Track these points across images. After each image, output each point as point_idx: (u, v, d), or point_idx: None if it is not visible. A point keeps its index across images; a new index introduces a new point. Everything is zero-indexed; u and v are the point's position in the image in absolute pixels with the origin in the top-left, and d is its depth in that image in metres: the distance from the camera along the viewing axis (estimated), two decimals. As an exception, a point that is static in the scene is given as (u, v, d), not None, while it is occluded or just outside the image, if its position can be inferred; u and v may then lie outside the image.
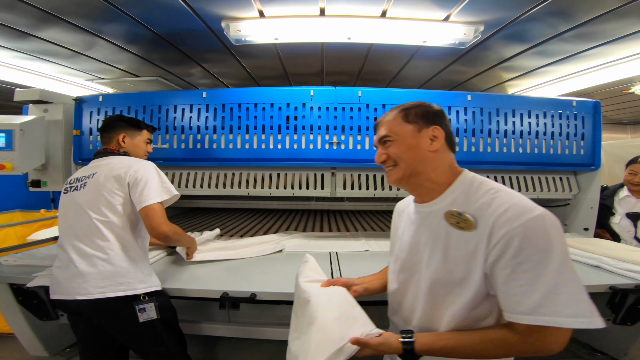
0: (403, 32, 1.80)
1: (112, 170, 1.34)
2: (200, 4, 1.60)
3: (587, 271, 1.75)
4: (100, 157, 1.46)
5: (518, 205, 0.76)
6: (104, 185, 1.32)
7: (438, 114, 0.93)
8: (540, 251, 0.71)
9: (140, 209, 1.30)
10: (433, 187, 0.90)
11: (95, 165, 1.41)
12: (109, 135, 1.52)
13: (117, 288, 1.26)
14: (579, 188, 2.44)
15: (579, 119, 2.29)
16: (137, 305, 1.27)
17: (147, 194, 1.30)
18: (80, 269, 1.25)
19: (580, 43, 1.99)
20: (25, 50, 2.21)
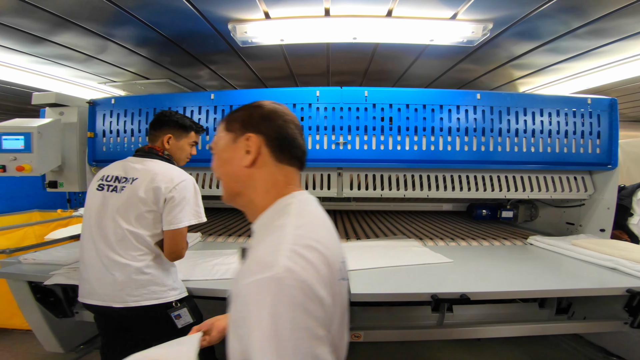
0: (409, 31, 1.78)
1: (153, 182, 1.30)
2: (207, 7, 1.63)
3: (603, 273, 1.71)
4: (142, 156, 1.41)
5: (258, 259, 0.55)
6: (141, 197, 1.28)
7: (266, 116, 0.71)
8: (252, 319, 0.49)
9: (167, 229, 1.29)
10: (257, 212, 0.70)
11: (137, 168, 1.36)
12: (155, 133, 1.48)
13: (151, 297, 1.28)
14: (594, 188, 2.37)
15: (595, 117, 2.22)
16: (171, 312, 1.30)
17: (180, 217, 1.29)
18: (114, 277, 1.25)
19: (595, 39, 1.93)
20: (41, 55, 2.28)
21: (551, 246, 2.18)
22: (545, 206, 2.87)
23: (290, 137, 0.71)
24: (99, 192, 1.35)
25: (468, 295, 1.45)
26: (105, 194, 1.34)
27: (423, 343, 2.17)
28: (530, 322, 1.89)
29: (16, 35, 1.93)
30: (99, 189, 1.36)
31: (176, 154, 1.52)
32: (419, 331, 1.73)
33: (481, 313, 1.93)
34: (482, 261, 1.96)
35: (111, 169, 1.41)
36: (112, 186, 1.33)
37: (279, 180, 0.70)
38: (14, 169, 2.08)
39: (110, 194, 1.33)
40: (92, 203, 1.36)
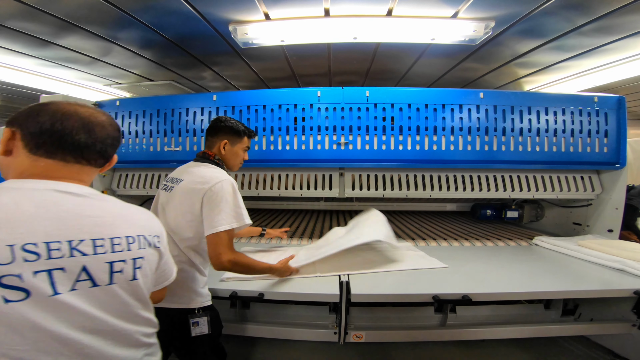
0: (410, 30, 1.77)
1: (191, 184, 1.29)
2: (208, 9, 1.64)
3: (610, 275, 1.68)
4: (197, 160, 1.44)
5: None
6: (180, 199, 1.29)
7: (29, 113, 0.74)
8: None
9: (207, 234, 1.23)
10: None
11: (187, 170, 1.38)
12: (211, 139, 1.48)
13: (172, 300, 1.23)
14: (602, 187, 2.33)
15: (602, 115, 2.18)
16: (191, 318, 1.26)
17: (218, 219, 1.22)
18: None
19: (600, 36, 1.89)
20: (48, 58, 2.33)
21: (557, 247, 2.15)
22: (552, 206, 2.83)
23: (53, 132, 0.72)
24: (160, 191, 1.43)
25: (470, 297, 1.44)
26: (162, 192, 1.41)
27: (425, 344, 2.15)
28: (536, 323, 1.86)
29: (23, 39, 1.98)
30: (163, 188, 1.42)
31: (231, 160, 1.50)
32: (421, 332, 1.72)
33: (485, 314, 1.91)
34: (485, 262, 1.93)
35: (175, 171, 1.45)
36: (169, 186, 1.38)
37: (27, 170, 0.72)
38: (22, 170, 2.12)
39: (164, 193, 1.39)
40: (155, 201, 1.44)
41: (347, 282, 1.54)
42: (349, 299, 1.47)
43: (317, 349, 2.07)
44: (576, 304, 1.99)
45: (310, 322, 1.77)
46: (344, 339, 1.57)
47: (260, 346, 2.11)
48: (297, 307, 1.82)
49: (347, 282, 1.53)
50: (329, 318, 1.77)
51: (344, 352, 2.04)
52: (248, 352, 2.07)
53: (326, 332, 1.62)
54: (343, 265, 1.74)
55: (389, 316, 1.83)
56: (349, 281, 1.54)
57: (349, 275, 1.63)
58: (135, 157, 2.32)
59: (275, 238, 2.33)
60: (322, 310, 1.81)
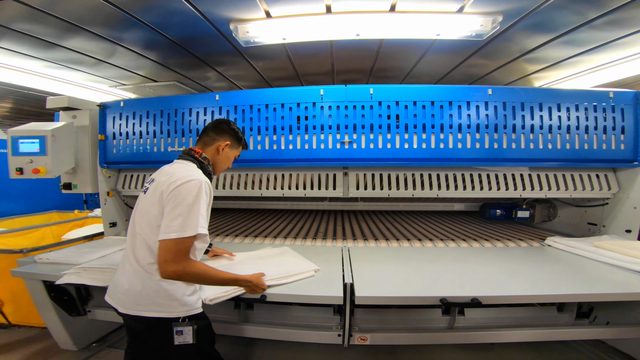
0: (414, 26, 1.73)
1: (162, 184, 1.20)
2: (208, 8, 1.63)
3: (628, 277, 1.61)
4: (181, 158, 1.36)
5: None
6: (151, 201, 1.21)
7: None
8: None
9: (159, 238, 1.14)
10: None
11: (164, 170, 1.31)
12: (213, 136, 1.41)
13: (154, 309, 1.18)
14: (619, 186, 2.25)
15: (618, 111, 2.10)
16: (175, 326, 1.20)
17: (171, 225, 1.13)
18: (123, 282, 1.23)
19: (613, 30, 1.82)
20: (54, 60, 2.36)
21: (571, 248, 2.08)
22: (565, 206, 2.74)
23: None
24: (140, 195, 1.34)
25: (479, 300, 1.39)
26: (140, 197, 1.32)
27: (433, 347, 2.11)
28: (548, 326, 1.80)
29: (29, 41, 2.01)
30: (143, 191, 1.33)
31: (222, 163, 1.45)
32: (428, 334, 1.67)
33: (495, 316, 1.85)
34: (495, 263, 1.88)
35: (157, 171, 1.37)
36: (146, 187, 1.30)
37: None
38: (30, 171, 2.16)
39: (141, 195, 1.31)
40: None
41: (352, 284, 1.51)
42: (353, 301, 1.44)
43: (323, 351, 2.05)
44: (591, 307, 1.93)
45: (315, 324, 1.74)
46: (348, 341, 1.54)
47: (264, 348, 2.10)
48: (301, 308, 1.80)
49: (352, 284, 1.50)
50: (334, 320, 1.74)
51: (350, 354, 2.01)
52: (252, 353, 2.06)
53: (330, 334, 1.59)
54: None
55: (395, 318, 1.79)
56: (353, 283, 1.51)
57: (352, 277, 1.59)
58: (140, 157, 2.33)
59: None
60: (327, 312, 1.78)
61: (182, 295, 1.22)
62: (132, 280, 1.21)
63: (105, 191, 2.46)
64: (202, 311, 1.29)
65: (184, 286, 1.24)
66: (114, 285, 1.29)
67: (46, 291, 1.80)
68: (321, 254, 2.04)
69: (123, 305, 1.23)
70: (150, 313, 1.19)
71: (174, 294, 1.20)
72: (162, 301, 1.19)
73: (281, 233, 2.57)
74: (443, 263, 1.90)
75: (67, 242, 2.59)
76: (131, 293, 1.20)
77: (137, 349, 1.37)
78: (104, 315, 1.87)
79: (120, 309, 1.23)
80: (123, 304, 1.23)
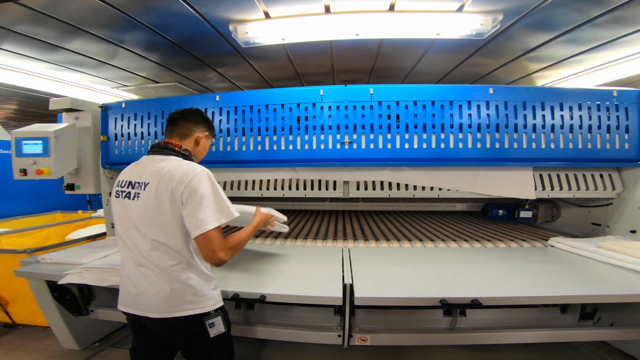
0: (414, 25, 1.72)
1: (166, 184, 1.17)
2: (207, 9, 1.64)
3: (632, 278, 1.60)
4: (157, 152, 1.29)
5: None
6: (159, 204, 1.17)
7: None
8: None
9: (195, 235, 1.15)
10: None
11: (149, 170, 1.23)
12: (189, 127, 1.36)
13: (187, 307, 1.21)
14: (623, 186, 2.23)
15: (622, 110, 2.08)
16: (206, 320, 1.24)
17: (203, 218, 1.14)
18: (146, 288, 1.21)
19: (616, 28, 1.80)
20: (56, 62, 2.39)
21: (574, 248, 2.05)
22: (569, 206, 2.71)
23: None
24: (117, 200, 1.27)
25: (480, 301, 1.38)
26: (121, 201, 1.25)
27: (435, 348, 2.10)
28: (552, 327, 1.78)
29: (32, 44, 2.03)
30: (116, 196, 1.27)
31: (200, 155, 1.44)
32: (429, 335, 1.66)
33: (497, 317, 1.83)
34: (497, 264, 1.86)
35: (125, 172, 1.30)
36: (126, 192, 1.24)
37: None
38: (33, 172, 2.17)
39: (125, 202, 1.23)
40: (116, 212, 1.29)
41: (351, 284, 1.50)
42: (353, 302, 1.43)
43: (327, 352, 2.04)
44: (595, 308, 1.90)
45: (315, 325, 1.74)
46: (348, 341, 1.54)
47: (266, 348, 2.10)
48: (302, 309, 1.80)
49: (351, 285, 1.50)
50: (334, 320, 1.74)
51: (354, 356, 2.00)
52: (253, 353, 2.06)
53: (330, 334, 1.59)
54: None
55: (396, 319, 1.78)
56: (352, 284, 1.51)
57: (352, 278, 1.59)
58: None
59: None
60: (327, 313, 1.78)
61: (208, 290, 1.26)
62: (159, 285, 1.20)
63: (107, 192, 2.47)
64: (222, 304, 1.34)
65: (208, 282, 1.28)
66: (135, 295, 1.24)
67: (49, 291, 1.81)
68: (321, 254, 2.04)
69: (155, 310, 1.21)
70: (185, 312, 1.20)
71: (202, 290, 1.24)
72: (193, 298, 1.22)
73: (282, 233, 2.57)
74: (444, 264, 1.89)
75: (70, 242, 2.61)
76: (161, 297, 1.20)
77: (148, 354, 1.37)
78: (106, 315, 1.89)
79: (152, 315, 1.21)
80: (155, 310, 1.21)
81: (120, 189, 1.26)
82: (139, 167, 1.28)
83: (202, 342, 1.27)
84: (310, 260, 1.92)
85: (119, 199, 1.25)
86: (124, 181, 1.27)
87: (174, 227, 1.18)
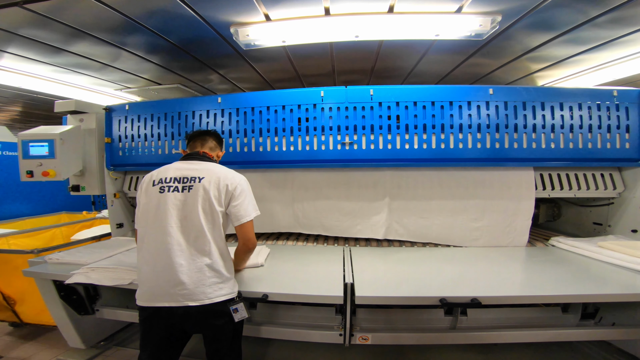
0: (413, 27, 1.73)
1: (220, 180, 1.39)
2: (208, 12, 1.66)
3: (633, 277, 1.60)
4: (197, 159, 1.50)
5: None
6: (214, 194, 1.36)
7: None
8: None
9: (238, 224, 1.42)
10: None
11: (199, 169, 1.42)
12: (216, 144, 1.67)
13: (221, 293, 1.32)
14: (624, 185, 2.23)
15: (622, 110, 2.08)
16: (231, 306, 1.34)
17: (247, 211, 1.42)
18: (177, 278, 1.27)
19: (617, 28, 1.80)
20: (61, 64, 2.42)
21: (575, 248, 2.06)
22: (570, 205, 2.71)
23: None
24: (161, 195, 1.36)
25: (479, 300, 1.39)
26: (167, 195, 1.36)
27: (436, 347, 2.11)
28: (553, 327, 1.80)
29: (36, 47, 2.06)
30: (161, 191, 1.37)
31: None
32: (430, 334, 1.67)
33: (498, 317, 1.85)
34: (497, 263, 1.87)
35: (164, 172, 1.43)
36: (173, 187, 1.37)
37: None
38: (40, 174, 2.20)
39: (174, 194, 1.35)
40: (153, 206, 1.37)
41: (352, 284, 1.52)
42: (354, 301, 1.45)
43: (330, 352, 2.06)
44: (597, 308, 1.91)
45: (317, 324, 1.76)
46: (349, 340, 1.55)
47: (268, 347, 2.12)
48: (303, 308, 1.82)
49: (352, 284, 1.52)
50: (335, 320, 1.76)
51: (356, 355, 2.02)
52: (256, 352, 2.08)
53: (332, 333, 1.61)
54: None
55: (397, 318, 1.80)
56: (353, 283, 1.53)
57: (353, 277, 1.61)
58: (146, 160, 2.38)
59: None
60: (329, 312, 1.80)
61: (232, 276, 1.42)
62: (191, 272, 1.29)
63: (112, 193, 2.51)
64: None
65: (232, 267, 1.44)
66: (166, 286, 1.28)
67: (56, 290, 1.84)
68: (323, 254, 2.06)
69: (191, 298, 1.27)
70: (218, 298, 1.31)
71: (229, 276, 1.39)
72: (222, 285, 1.34)
73: (283, 234, 2.59)
74: (444, 263, 1.90)
75: (76, 242, 2.64)
76: (194, 284, 1.28)
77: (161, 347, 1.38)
78: (111, 314, 1.92)
79: (190, 302, 1.27)
80: (191, 297, 1.27)
81: (166, 184, 1.39)
82: (180, 167, 1.45)
83: (228, 327, 1.36)
84: (311, 261, 1.94)
85: (165, 193, 1.37)
86: (168, 177, 1.40)
87: (221, 216, 1.37)
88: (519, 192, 2.18)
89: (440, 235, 2.23)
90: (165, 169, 1.45)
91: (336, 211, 2.29)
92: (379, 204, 2.24)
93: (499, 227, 2.20)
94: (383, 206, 2.23)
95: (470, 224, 2.20)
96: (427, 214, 2.22)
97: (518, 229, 2.21)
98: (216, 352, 1.38)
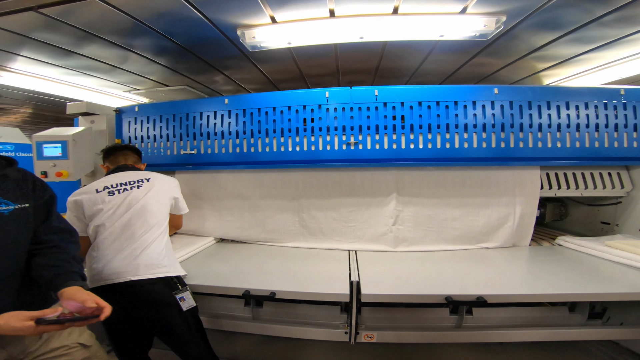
0: (417, 27, 1.74)
1: (165, 181, 1.76)
2: (216, 15, 1.68)
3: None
4: (132, 169, 1.77)
5: None
6: (164, 189, 1.71)
7: None
8: None
9: (178, 214, 1.88)
10: None
11: (139, 174, 1.69)
12: (139, 158, 1.96)
13: (169, 270, 1.46)
14: (632, 184, 2.21)
15: (630, 109, 2.06)
16: (176, 294, 1.40)
17: (183, 206, 1.89)
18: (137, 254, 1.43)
19: (623, 27, 1.80)
20: (71, 67, 2.47)
21: (582, 247, 2.04)
22: (577, 204, 2.69)
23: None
24: (114, 196, 1.56)
25: (485, 298, 1.40)
26: (122, 195, 1.57)
27: (442, 346, 2.11)
28: (560, 326, 1.78)
29: (48, 50, 2.11)
30: (111, 194, 1.57)
31: None
32: (435, 333, 1.68)
33: (504, 316, 1.84)
34: (504, 262, 1.87)
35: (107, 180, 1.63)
36: (123, 188, 1.59)
37: None
38: (54, 174, 2.25)
39: (129, 193, 1.58)
40: (113, 205, 1.54)
41: (358, 282, 1.54)
42: (360, 299, 1.46)
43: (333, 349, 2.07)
44: (604, 307, 1.89)
45: (322, 322, 1.77)
46: (355, 338, 1.57)
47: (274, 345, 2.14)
48: (309, 307, 1.83)
49: (358, 282, 1.53)
50: (341, 318, 1.77)
51: (361, 353, 2.03)
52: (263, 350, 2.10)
53: (337, 331, 1.62)
54: None
55: (402, 317, 1.80)
56: (359, 281, 1.54)
57: (359, 276, 1.62)
58: (155, 160, 2.41)
59: None
60: (334, 310, 1.81)
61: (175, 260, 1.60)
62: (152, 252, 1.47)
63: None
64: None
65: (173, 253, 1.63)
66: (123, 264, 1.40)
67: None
68: (329, 254, 2.07)
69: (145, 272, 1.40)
70: (167, 274, 1.43)
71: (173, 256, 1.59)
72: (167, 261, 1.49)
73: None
74: (450, 262, 1.90)
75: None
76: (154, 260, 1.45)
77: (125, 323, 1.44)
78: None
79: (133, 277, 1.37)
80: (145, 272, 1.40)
81: (114, 188, 1.58)
82: (119, 176, 1.66)
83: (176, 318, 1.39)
84: (318, 260, 1.95)
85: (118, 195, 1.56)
86: (115, 183, 1.60)
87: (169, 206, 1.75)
88: (524, 191, 2.17)
89: (446, 235, 2.23)
90: (102, 180, 1.64)
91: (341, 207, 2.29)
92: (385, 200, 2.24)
93: (504, 226, 2.19)
94: (389, 205, 2.23)
95: (476, 223, 2.20)
96: (433, 213, 2.22)
97: (522, 228, 2.20)
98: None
